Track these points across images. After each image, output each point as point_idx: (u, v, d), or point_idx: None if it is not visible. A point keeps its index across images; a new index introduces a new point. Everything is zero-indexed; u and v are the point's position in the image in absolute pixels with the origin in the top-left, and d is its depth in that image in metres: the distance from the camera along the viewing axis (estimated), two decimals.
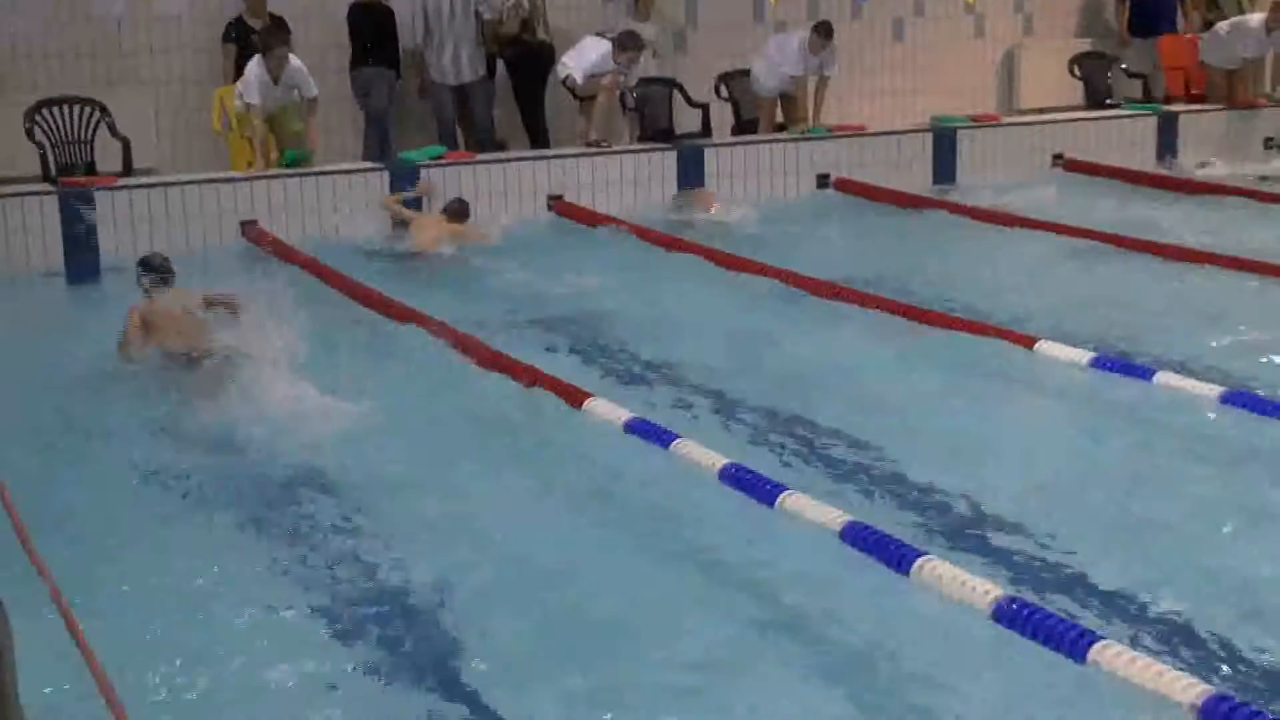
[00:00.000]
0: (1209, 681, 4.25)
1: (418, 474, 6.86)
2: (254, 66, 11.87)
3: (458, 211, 11.21)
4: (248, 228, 11.43)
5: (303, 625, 5.42)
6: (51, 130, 12.39)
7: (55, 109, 12.44)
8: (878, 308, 9.19)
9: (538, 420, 7.33)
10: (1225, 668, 4.85)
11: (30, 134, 12.23)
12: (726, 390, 8.00)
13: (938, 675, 4.85)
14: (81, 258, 10.88)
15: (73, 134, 12.48)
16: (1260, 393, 7.25)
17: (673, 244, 11.15)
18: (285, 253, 10.79)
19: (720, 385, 8.06)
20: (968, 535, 6.02)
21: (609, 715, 4.66)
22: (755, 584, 5.62)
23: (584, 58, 13.23)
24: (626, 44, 13.17)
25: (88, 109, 12.52)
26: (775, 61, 13.99)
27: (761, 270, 10.10)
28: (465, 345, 8.33)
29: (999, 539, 5.94)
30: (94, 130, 12.53)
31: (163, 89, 12.72)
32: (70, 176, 11.78)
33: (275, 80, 11.85)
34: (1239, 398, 7.10)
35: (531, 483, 6.74)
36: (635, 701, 4.78)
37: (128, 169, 12.26)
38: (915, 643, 5.02)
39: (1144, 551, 5.84)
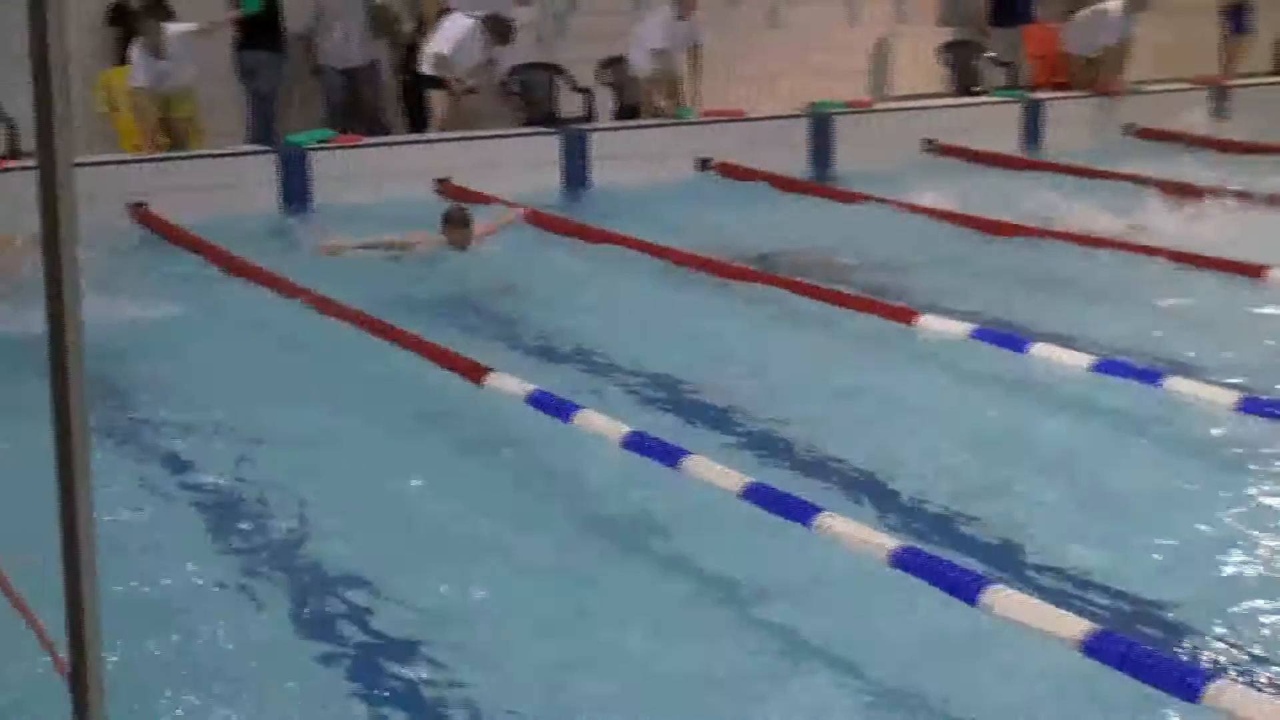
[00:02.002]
0: (1087, 617, 4.52)
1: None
2: (135, 50, 11.80)
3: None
4: (137, 210, 11.25)
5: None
6: None
7: None
8: (759, 281, 9.28)
9: (441, 394, 7.37)
10: (1102, 602, 5.09)
11: None
12: (621, 362, 8.05)
13: (844, 624, 5.00)
14: None
15: None
16: (1130, 361, 7.43)
17: (559, 226, 11.18)
18: (174, 234, 10.65)
19: (614, 358, 8.11)
20: (858, 491, 6.13)
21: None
22: (659, 542, 5.71)
23: (447, 39, 13.14)
24: (495, 28, 13.21)
25: None
26: (643, 39, 14.07)
27: (643, 248, 10.15)
28: (356, 320, 8.30)
29: (887, 494, 6.09)
30: None
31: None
32: None
33: (160, 57, 11.74)
34: (1110, 366, 7.27)
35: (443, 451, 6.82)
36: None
37: (14, 151, 12.01)
38: (814, 591, 5.17)
39: (1020, 505, 6.02)
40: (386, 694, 4.78)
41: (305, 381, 7.94)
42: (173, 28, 11.83)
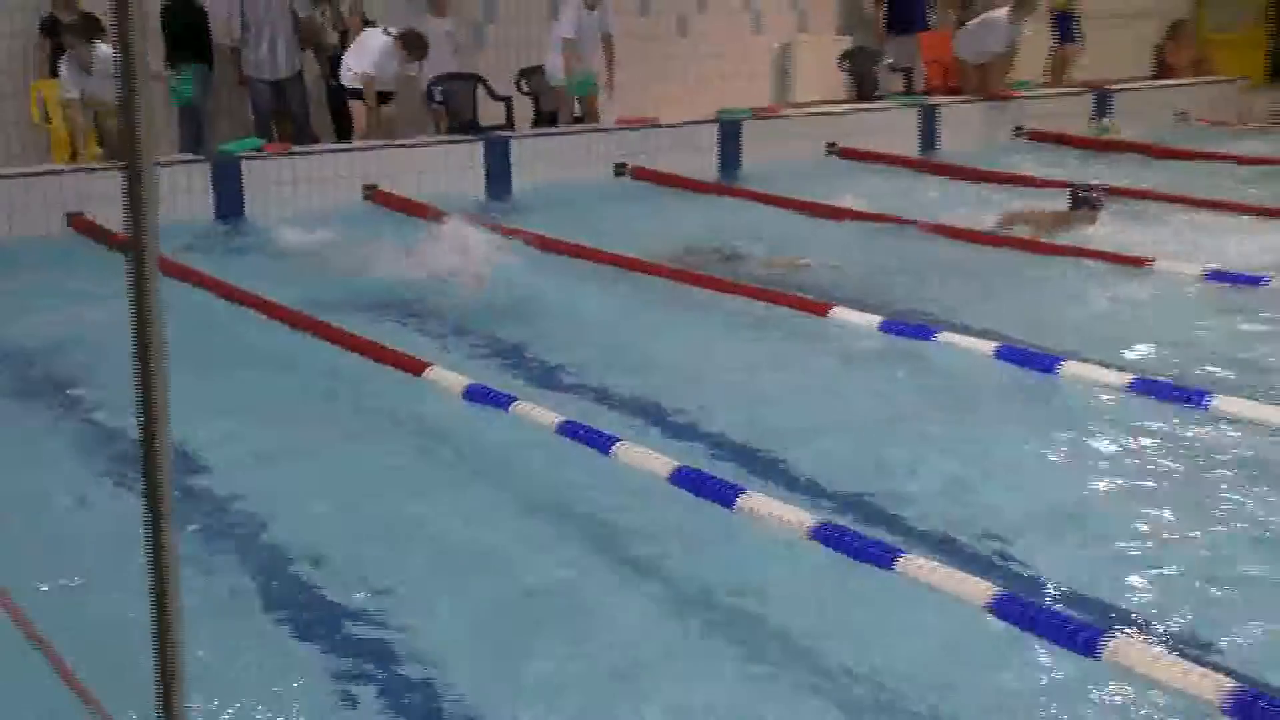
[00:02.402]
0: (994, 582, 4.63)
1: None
2: (64, 63, 11.87)
3: None
4: (75, 219, 11.28)
5: None
6: None
7: None
8: (676, 279, 9.41)
9: (381, 389, 7.42)
10: (1007, 566, 5.29)
11: None
12: (550, 358, 8.12)
13: (769, 594, 5.11)
14: None
15: None
16: (1029, 348, 7.61)
17: (491, 227, 11.08)
18: (114, 241, 10.48)
19: (543, 353, 8.20)
20: (780, 473, 6.25)
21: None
22: (589, 522, 5.83)
23: (364, 57, 13.28)
24: (410, 45, 13.31)
25: None
26: (555, 36, 14.18)
27: (562, 248, 10.36)
28: (295, 321, 8.35)
29: (806, 474, 6.20)
30: None
31: None
32: None
33: (89, 72, 11.82)
34: (1010, 352, 7.48)
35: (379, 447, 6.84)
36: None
37: None
38: (739, 567, 5.29)
39: (938, 484, 6.16)
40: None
41: (245, 368, 7.94)
42: (103, 47, 11.79)
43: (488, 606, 5.02)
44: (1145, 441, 6.64)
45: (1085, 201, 10.95)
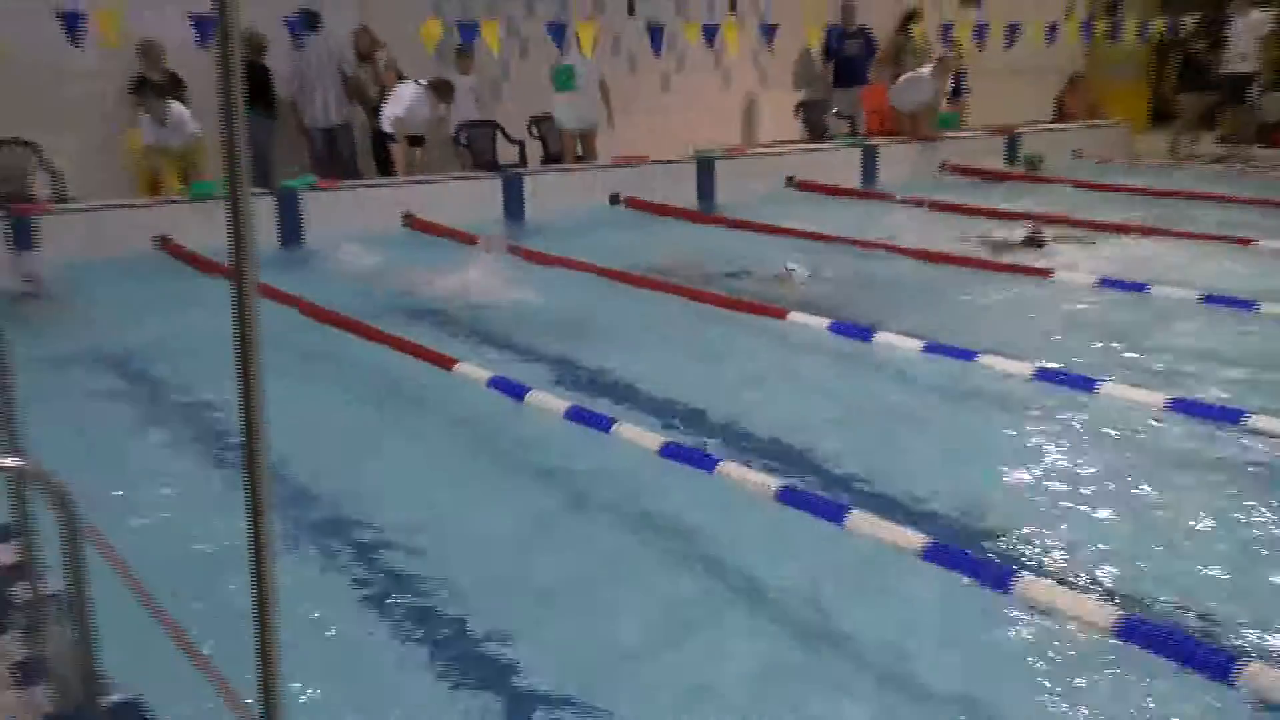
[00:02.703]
0: (925, 531, 4.73)
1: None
2: (143, 116, 11.98)
3: None
4: (163, 241, 11.35)
5: None
6: None
7: None
8: (660, 289, 9.46)
9: (418, 381, 7.43)
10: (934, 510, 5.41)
11: None
12: (560, 351, 8.17)
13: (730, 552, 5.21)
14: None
15: (9, 168, 12.29)
16: (953, 345, 7.56)
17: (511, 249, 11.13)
18: (197, 261, 10.72)
19: (554, 347, 8.25)
20: (745, 447, 6.32)
21: None
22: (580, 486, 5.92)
23: (398, 104, 13.32)
24: (440, 89, 13.44)
25: (20, 148, 12.38)
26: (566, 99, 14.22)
27: (568, 264, 10.32)
28: (348, 326, 8.31)
29: (766, 449, 6.28)
30: (26, 166, 12.35)
31: (85, 131, 12.51)
32: (16, 203, 11.61)
33: (163, 123, 11.92)
34: (935, 347, 7.48)
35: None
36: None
37: (60, 196, 12.16)
38: (713, 524, 5.36)
39: (878, 453, 6.26)
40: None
41: (308, 363, 7.88)
42: (175, 105, 11.96)
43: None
44: (1040, 416, 6.76)
45: (1033, 240, 11.09)
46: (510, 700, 4.10)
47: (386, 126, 13.52)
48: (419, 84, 13.45)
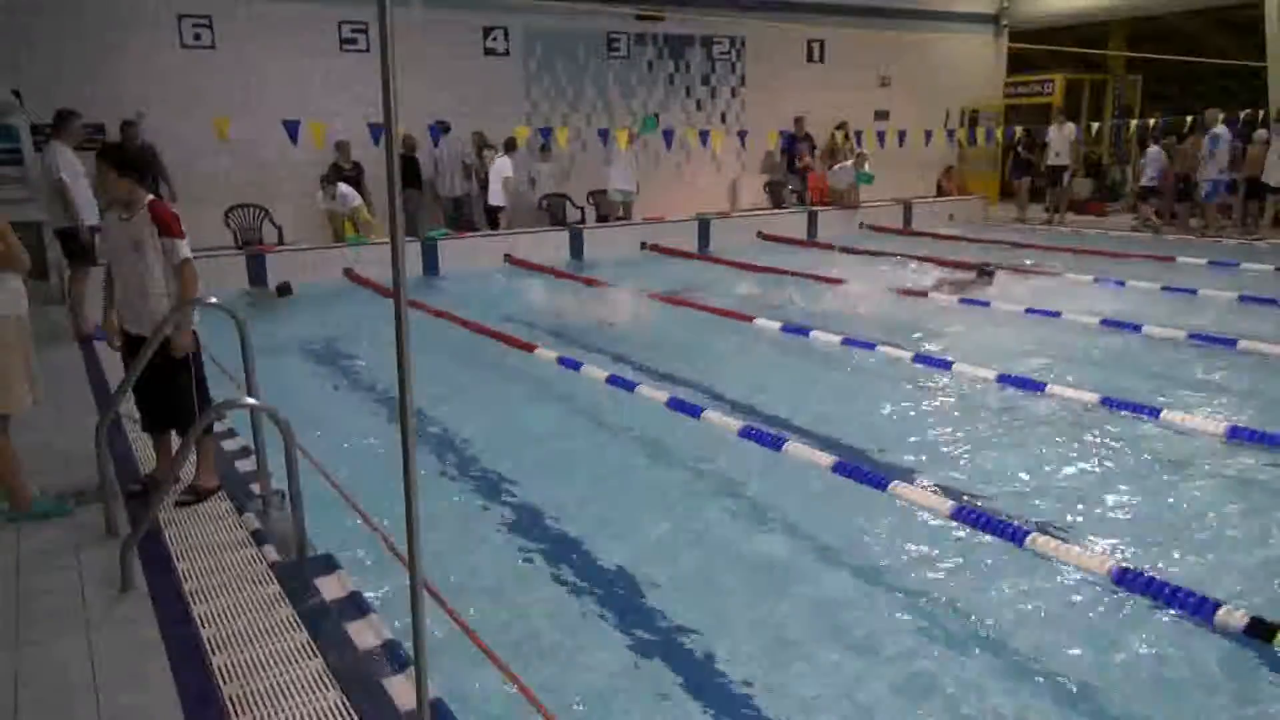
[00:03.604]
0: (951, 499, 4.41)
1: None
2: (319, 192, 12.01)
3: None
4: (347, 272, 11.43)
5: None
6: (238, 221, 12.43)
7: (240, 209, 12.45)
8: (671, 303, 9.33)
9: (507, 360, 7.39)
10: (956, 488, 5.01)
11: (226, 223, 12.28)
12: (625, 350, 7.83)
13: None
14: (260, 285, 10.91)
15: (250, 223, 12.53)
16: (864, 337, 7.39)
17: (569, 276, 11.28)
18: (372, 285, 10.77)
19: (608, 344, 7.95)
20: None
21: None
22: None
23: (499, 175, 13.07)
24: (509, 147, 13.21)
25: (258, 210, 12.58)
26: (614, 178, 14.09)
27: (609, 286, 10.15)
28: (467, 325, 8.26)
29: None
30: (261, 221, 12.57)
31: (297, 200, 12.64)
32: (250, 246, 11.82)
33: (331, 198, 11.94)
34: (852, 341, 7.35)
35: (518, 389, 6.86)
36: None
37: (281, 240, 12.36)
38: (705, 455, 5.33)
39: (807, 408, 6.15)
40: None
41: (445, 356, 7.72)
42: (341, 186, 11.96)
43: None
44: (918, 391, 6.60)
45: (986, 273, 10.47)
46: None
47: (494, 200, 13.33)
48: (510, 156, 13.28)
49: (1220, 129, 14.33)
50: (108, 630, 3.34)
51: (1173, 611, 3.50)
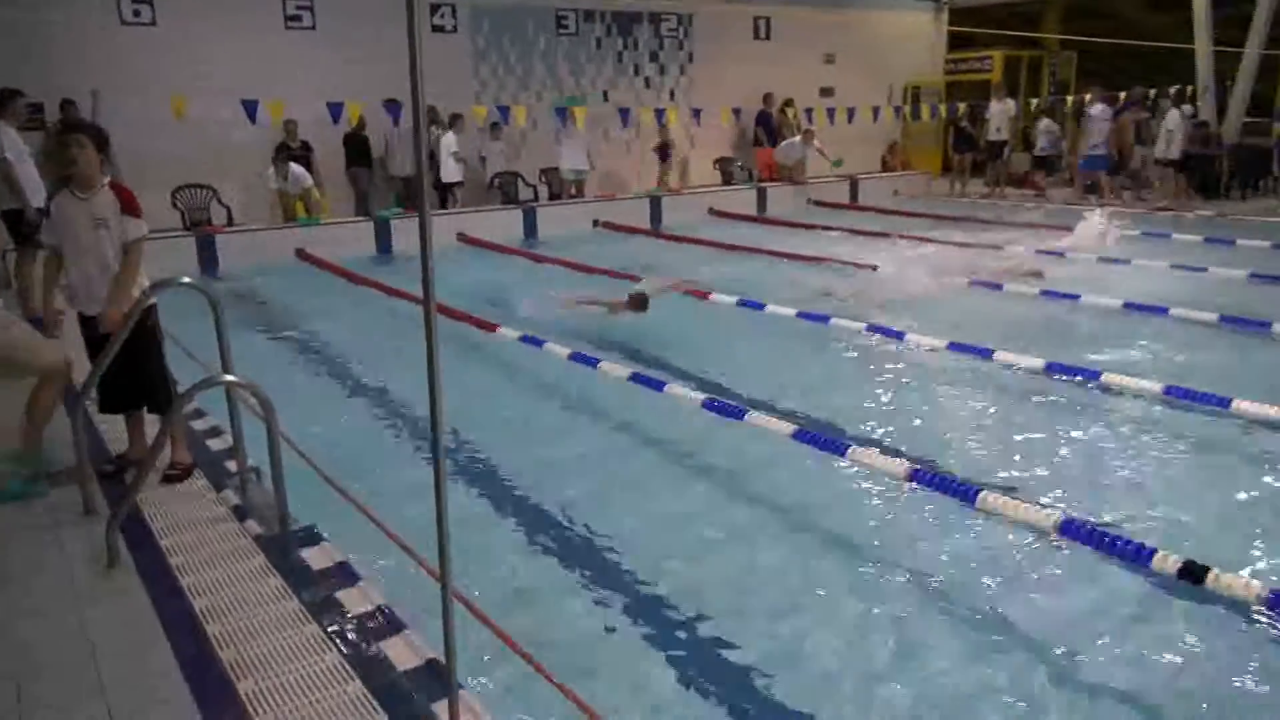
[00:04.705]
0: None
1: None
2: (272, 170, 11.87)
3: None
4: (300, 253, 11.39)
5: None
6: (186, 201, 12.22)
7: (187, 190, 12.27)
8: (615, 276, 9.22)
9: (470, 339, 7.37)
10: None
11: (174, 203, 12.07)
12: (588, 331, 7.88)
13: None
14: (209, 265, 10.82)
15: (198, 203, 12.34)
16: (819, 313, 7.61)
17: (523, 254, 11.39)
18: (323, 265, 10.78)
19: (588, 329, 7.76)
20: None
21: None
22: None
23: (447, 151, 13.13)
24: (453, 124, 13.26)
25: (205, 190, 12.40)
26: (565, 157, 14.23)
27: (563, 263, 10.32)
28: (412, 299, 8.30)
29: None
30: (209, 201, 12.40)
31: (245, 179, 12.50)
32: (199, 227, 11.67)
33: (284, 178, 11.82)
34: (809, 315, 7.54)
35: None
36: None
37: (230, 221, 12.19)
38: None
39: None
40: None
41: (394, 330, 7.72)
42: (293, 166, 11.84)
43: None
44: (868, 357, 6.82)
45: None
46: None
47: (445, 177, 13.39)
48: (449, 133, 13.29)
49: (1095, 108, 14.98)
50: (100, 604, 3.40)
51: (1113, 559, 3.75)
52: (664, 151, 15.11)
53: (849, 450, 4.64)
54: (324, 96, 11.76)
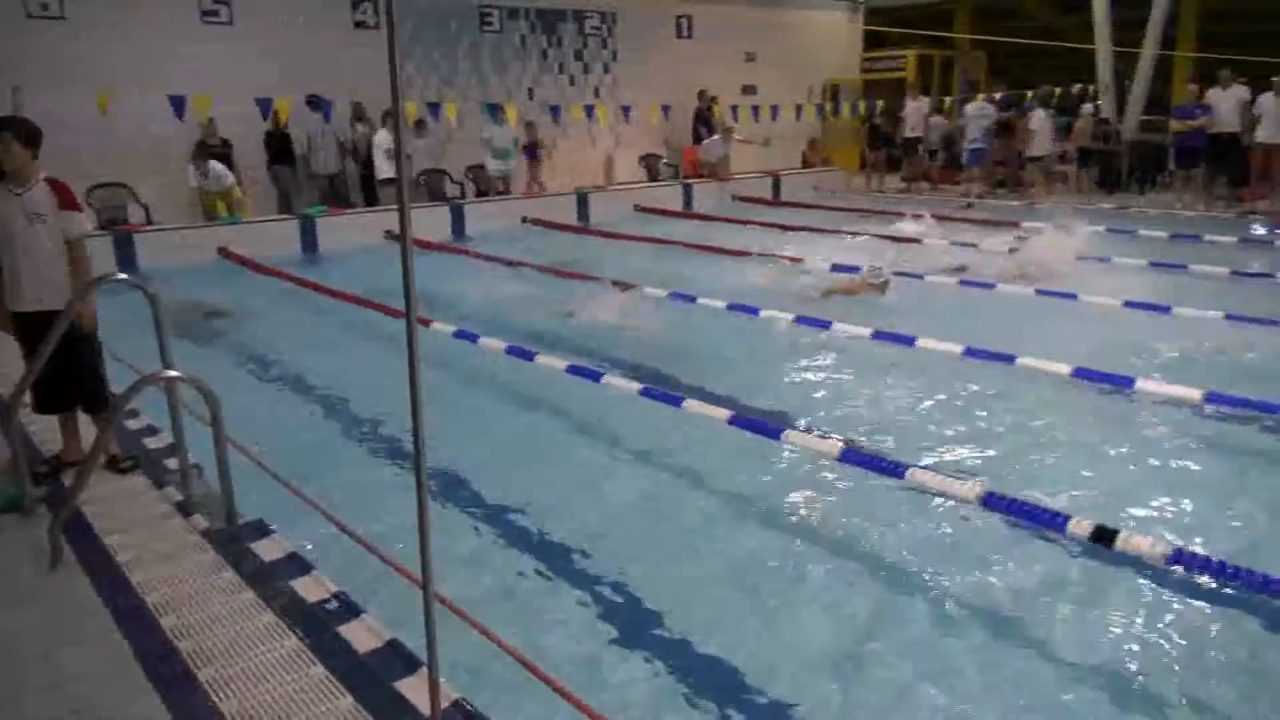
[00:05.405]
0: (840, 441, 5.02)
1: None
2: (192, 168, 11.65)
3: None
4: (222, 250, 11.15)
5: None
6: (101, 200, 11.87)
7: (102, 189, 11.90)
8: (553, 274, 9.49)
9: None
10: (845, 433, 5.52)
11: (89, 202, 11.71)
12: (477, 313, 7.96)
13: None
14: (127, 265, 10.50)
15: (114, 202, 11.99)
16: (750, 305, 7.73)
17: (444, 248, 11.36)
18: (248, 263, 10.58)
19: (478, 311, 8.02)
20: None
21: None
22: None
23: (380, 149, 12.94)
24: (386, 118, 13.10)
25: (121, 188, 12.06)
26: (485, 145, 14.19)
27: (494, 259, 10.36)
28: (345, 298, 8.15)
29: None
30: (126, 200, 12.05)
31: (163, 178, 12.17)
32: (116, 226, 11.34)
33: (204, 175, 11.60)
34: (740, 307, 7.69)
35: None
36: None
37: (148, 220, 11.88)
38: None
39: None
40: None
41: (326, 328, 7.86)
42: (212, 163, 11.60)
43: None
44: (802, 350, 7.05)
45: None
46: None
47: (382, 174, 13.11)
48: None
49: (970, 107, 15.85)
50: (48, 602, 3.38)
51: (1032, 527, 4.00)
52: (531, 151, 15.18)
53: (784, 433, 4.82)
54: (244, 93, 11.55)
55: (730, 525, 4.27)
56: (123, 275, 4.34)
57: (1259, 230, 12.02)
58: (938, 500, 4.32)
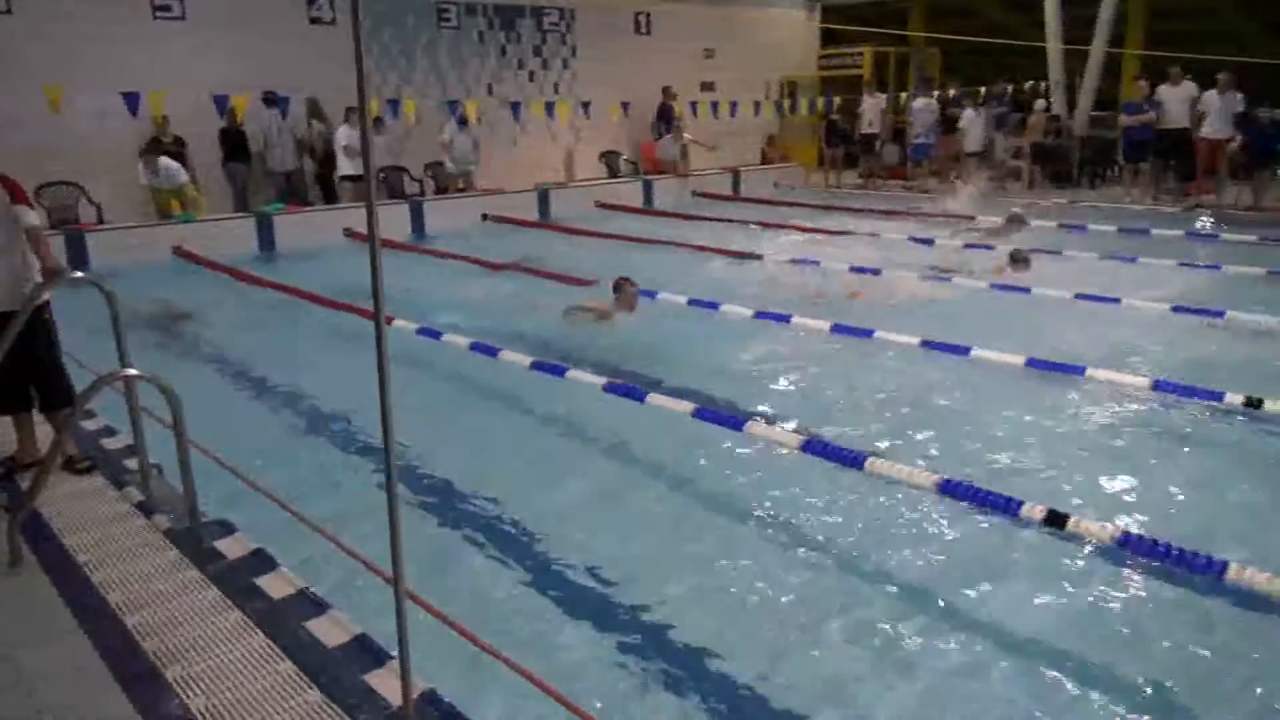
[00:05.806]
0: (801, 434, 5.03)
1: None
2: (142, 165, 11.47)
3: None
4: (177, 249, 11.00)
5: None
6: (52, 199, 11.64)
7: (52, 187, 11.67)
8: (516, 271, 9.48)
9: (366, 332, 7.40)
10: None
11: (38, 201, 11.45)
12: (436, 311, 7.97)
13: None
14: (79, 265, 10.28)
15: (65, 201, 11.76)
16: (702, 300, 7.87)
17: (413, 249, 11.27)
18: (202, 262, 10.48)
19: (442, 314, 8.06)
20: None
21: None
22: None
23: (340, 145, 12.89)
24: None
25: (72, 187, 11.83)
26: (442, 145, 14.16)
27: (448, 255, 10.30)
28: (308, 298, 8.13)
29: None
30: (76, 199, 11.84)
31: (118, 175, 11.96)
32: (67, 225, 11.12)
33: (155, 173, 11.42)
34: (699, 303, 7.84)
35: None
36: None
37: (100, 219, 11.68)
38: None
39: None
40: None
41: (285, 326, 7.78)
42: (163, 160, 11.40)
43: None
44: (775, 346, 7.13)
45: (1021, 261, 9.09)
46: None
47: (344, 170, 13.02)
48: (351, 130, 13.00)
49: (917, 103, 16.24)
50: (8, 603, 3.34)
51: (986, 512, 4.10)
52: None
53: (746, 425, 4.88)
54: (198, 90, 11.41)
55: (692, 511, 4.32)
56: (79, 273, 4.28)
57: (1205, 223, 12.34)
58: (895, 488, 4.39)
